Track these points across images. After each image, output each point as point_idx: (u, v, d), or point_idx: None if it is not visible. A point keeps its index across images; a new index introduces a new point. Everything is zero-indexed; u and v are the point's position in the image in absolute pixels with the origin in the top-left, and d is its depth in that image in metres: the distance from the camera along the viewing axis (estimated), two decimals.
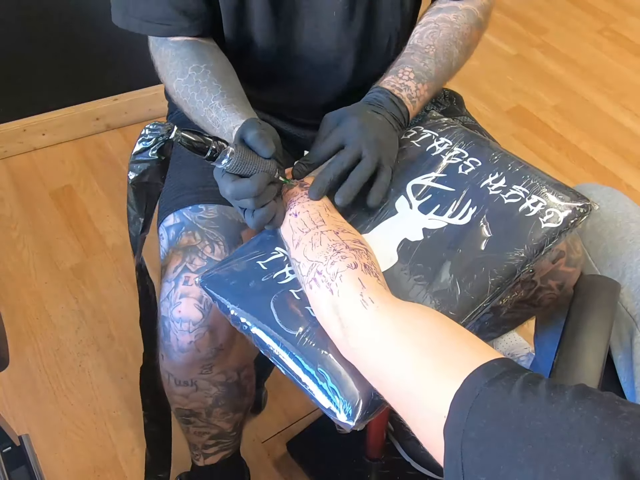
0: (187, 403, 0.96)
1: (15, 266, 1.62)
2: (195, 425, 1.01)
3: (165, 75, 0.89)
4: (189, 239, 0.86)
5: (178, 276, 0.83)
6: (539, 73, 2.29)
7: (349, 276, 0.62)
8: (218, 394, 0.94)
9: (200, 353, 0.85)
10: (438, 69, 0.87)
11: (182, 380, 0.91)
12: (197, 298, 0.82)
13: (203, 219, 0.88)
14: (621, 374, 0.82)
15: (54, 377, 1.41)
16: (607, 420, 0.41)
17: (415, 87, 0.84)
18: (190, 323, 0.82)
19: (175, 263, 0.85)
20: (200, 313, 0.81)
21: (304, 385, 0.65)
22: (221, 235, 0.86)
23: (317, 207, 0.73)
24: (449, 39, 0.90)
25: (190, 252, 0.85)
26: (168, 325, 0.83)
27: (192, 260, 0.84)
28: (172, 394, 0.95)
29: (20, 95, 1.83)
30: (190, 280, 0.82)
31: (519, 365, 0.49)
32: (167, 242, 0.89)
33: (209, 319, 0.82)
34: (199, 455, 1.11)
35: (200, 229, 0.87)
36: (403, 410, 0.54)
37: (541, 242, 0.74)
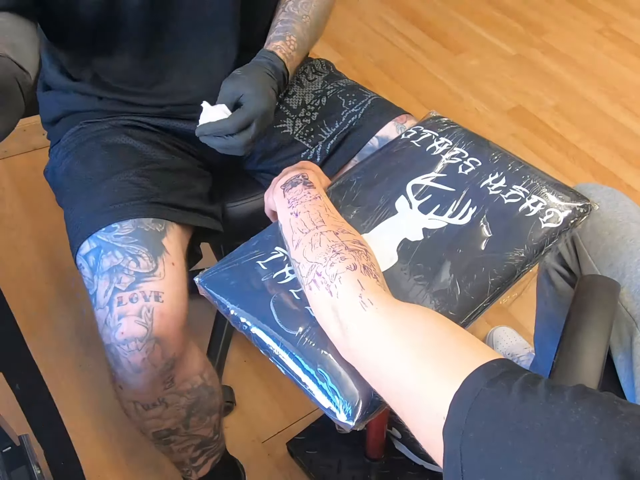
0: (162, 423, 0.93)
1: (15, 266, 1.62)
2: (177, 442, 0.99)
3: None
4: (110, 260, 0.84)
5: (110, 299, 0.81)
6: (539, 73, 2.29)
7: (348, 278, 0.62)
8: (189, 402, 0.92)
9: (156, 368, 0.83)
10: (310, 40, 0.98)
11: (149, 403, 0.89)
12: (136, 314, 0.80)
13: (119, 237, 0.85)
14: (621, 374, 0.82)
15: (54, 377, 1.41)
16: (606, 421, 0.41)
17: (296, 58, 0.94)
18: (136, 341, 0.80)
19: (103, 288, 0.83)
20: (144, 328, 0.80)
21: (304, 385, 0.65)
22: (142, 247, 0.85)
23: (318, 208, 0.73)
24: (320, 10, 0.97)
25: (116, 272, 0.82)
26: (115, 351, 0.81)
27: (119, 280, 0.82)
28: (144, 420, 0.93)
29: None
30: (123, 299, 0.80)
31: (518, 366, 0.49)
32: (89, 271, 0.86)
33: (153, 331, 0.80)
34: (190, 470, 1.08)
35: (119, 247, 0.84)
36: (402, 411, 0.54)
37: (541, 242, 0.74)
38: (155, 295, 0.81)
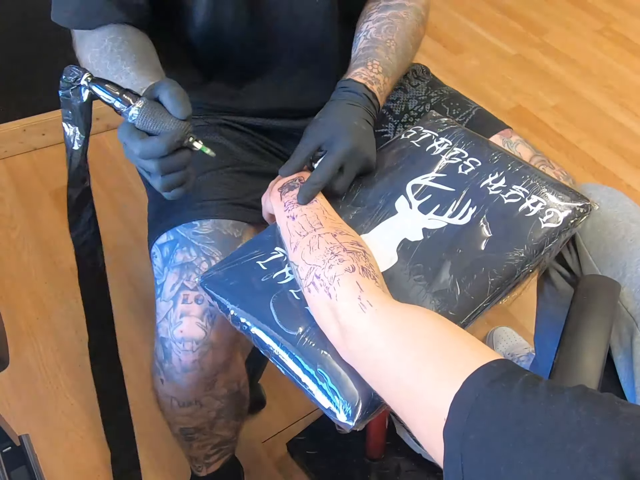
0: (192, 422, 0.94)
1: (15, 266, 1.62)
2: (199, 440, 1.00)
3: (82, 48, 0.85)
4: (184, 256, 0.84)
5: (176, 294, 0.81)
6: (539, 73, 2.29)
7: (347, 280, 0.62)
8: (221, 406, 0.93)
9: (204, 371, 0.83)
10: (399, 64, 0.89)
11: (186, 401, 0.89)
12: (198, 316, 0.80)
13: (197, 235, 0.86)
14: (621, 374, 0.82)
15: (54, 377, 1.41)
16: (606, 422, 0.41)
17: (383, 80, 0.86)
18: (193, 342, 0.80)
19: (172, 281, 0.83)
20: (203, 331, 0.80)
21: (304, 385, 0.65)
22: (217, 250, 0.85)
23: (315, 210, 0.73)
24: (405, 35, 0.91)
25: (187, 269, 0.82)
26: (169, 346, 0.81)
27: (189, 277, 0.82)
28: (175, 415, 0.93)
29: (20, 95, 1.83)
30: (189, 298, 0.81)
31: (519, 367, 0.48)
32: (161, 261, 0.86)
33: (210, 336, 0.80)
34: (202, 466, 1.10)
35: (196, 245, 0.85)
36: (403, 412, 0.54)
37: (541, 242, 0.74)
38: None
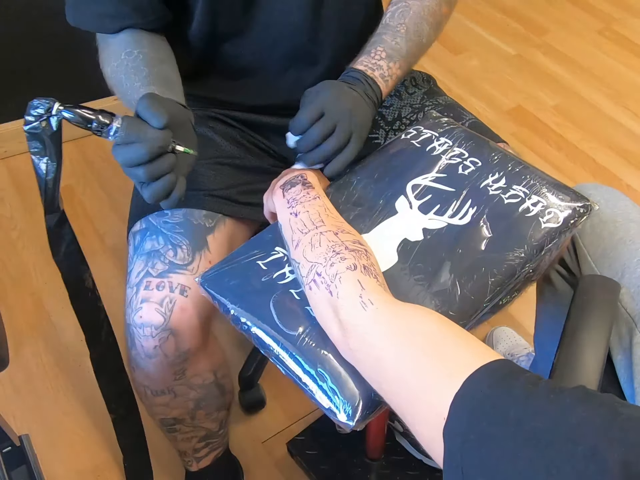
0: (169, 412, 0.95)
1: (15, 266, 1.62)
2: (182, 431, 1.00)
3: (103, 60, 0.89)
4: (152, 244, 0.86)
5: (140, 281, 0.83)
6: (539, 73, 2.29)
7: (348, 278, 0.62)
8: (198, 396, 0.94)
9: (168, 358, 0.84)
10: (409, 47, 0.89)
11: (158, 390, 0.90)
12: (158, 302, 0.81)
13: (167, 224, 0.88)
14: (620, 374, 0.82)
15: (54, 377, 1.41)
16: (607, 422, 0.41)
17: (387, 66, 0.86)
18: (152, 327, 0.81)
19: (138, 268, 0.85)
20: (162, 317, 0.81)
21: (304, 385, 0.65)
22: (185, 239, 0.86)
23: (317, 208, 0.73)
24: (419, 16, 0.91)
25: (153, 256, 0.85)
26: (132, 332, 0.84)
27: (154, 264, 0.84)
28: (152, 405, 0.95)
29: (20, 95, 1.83)
30: (151, 284, 0.82)
31: (519, 367, 0.48)
32: (132, 248, 0.90)
33: (170, 322, 0.81)
34: (191, 461, 1.10)
35: (164, 233, 0.87)
36: (403, 412, 0.54)
37: (541, 242, 0.74)
38: (181, 288, 0.82)
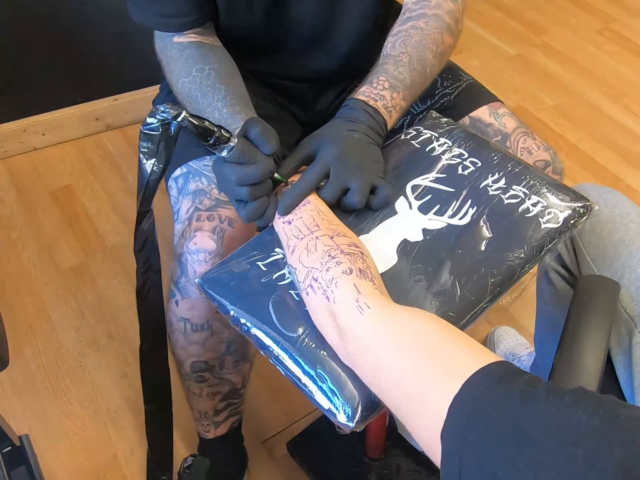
0: (203, 353, 0.98)
1: (15, 266, 1.62)
2: (209, 382, 1.03)
3: (171, 75, 0.93)
4: (196, 184, 0.92)
5: (190, 215, 0.89)
6: (539, 73, 2.29)
7: (344, 282, 0.62)
8: (229, 337, 0.97)
9: None
10: (412, 77, 0.86)
11: (198, 324, 0.93)
12: (210, 230, 0.87)
13: (208, 166, 0.93)
14: (620, 374, 0.82)
15: (54, 377, 1.41)
16: (606, 424, 0.41)
17: (390, 96, 0.83)
18: (206, 253, 0.86)
19: (186, 206, 0.91)
20: (214, 243, 0.86)
21: (304, 386, 0.65)
22: None
23: (310, 212, 0.73)
24: (422, 45, 0.88)
25: (199, 194, 0.90)
26: (185, 260, 0.87)
27: (201, 201, 0.90)
28: (188, 345, 0.97)
29: (20, 95, 1.83)
30: (202, 217, 0.88)
31: (518, 368, 0.48)
32: (176, 191, 0.95)
33: (222, 248, 0.86)
34: (210, 425, 1.13)
35: (206, 174, 0.92)
36: (402, 414, 0.54)
37: (541, 243, 0.74)
38: (229, 220, 0.88)
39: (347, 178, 0.75)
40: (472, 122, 1.02)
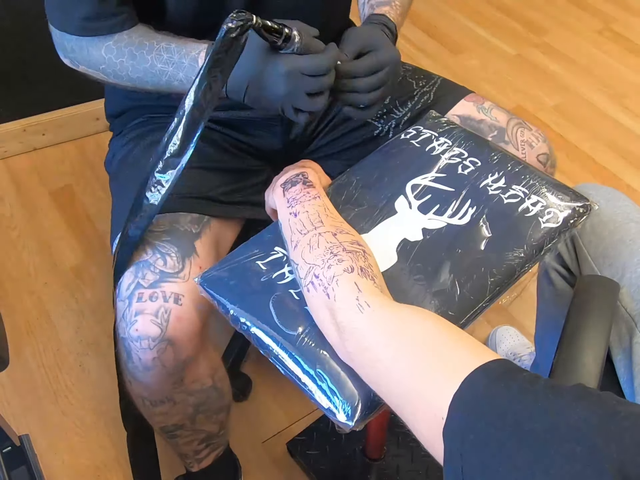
0: (169, 419, 0.94)
1: (15, 266, 1.62)
2: (182, 436, 1.00)
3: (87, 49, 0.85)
4: (139, 254, 0.84)
5: (131, 294, 0.81)
6: (539, 73, 2.29)
7: (345, 280, 0.62)
8: (197, 401, 0.93)
9: (166, 368, 0.83)
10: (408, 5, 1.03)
11: (157, 400, 0.89)
12: (153, 313, 0.80)
13: (153, 232, 0.85)
14: (620, 374, 0.82)
15: (54, 377, 1.41)
16: (605, 421, 0.41)
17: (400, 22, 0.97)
18: (149, 339, 0.80)
19: (128, 281, 0.83)
20: (158, 328, 0.79)
21: (304, 385, 0.65)
22: (172, 246, 0.84)
23: (317, 207, 0.73)
24: None
25: (142, 267, 0.83)
26: (128, 345, 0.82)
27: (144, 275, 0.82)
28: (152, 415, 0.94)
29: (20, 95, 1.83)
30: (143, 296, 0.80)
31: (517, 366, 0.48)
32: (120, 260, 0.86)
33: (167, 333, 0.80)
34: (193, 462, 1.10)
35: (151, 242, 0.85)
36: (402, 412, 0.54)
37: (541, 242, 0.74)
38: (175, 297, 0.81)
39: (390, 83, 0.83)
40: (462, 120, 1.03)
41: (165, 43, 0.81)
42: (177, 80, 0.82)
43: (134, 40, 0.83)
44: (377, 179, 0.83)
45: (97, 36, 0.85)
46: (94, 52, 0.85)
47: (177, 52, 0.80)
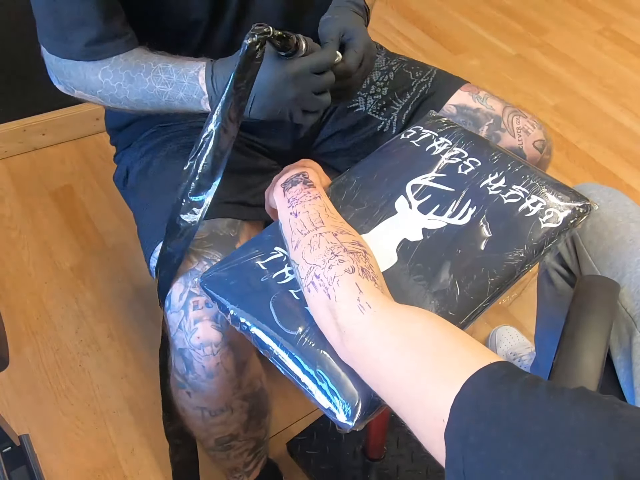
0: (226, 429, 0.93)
1: (15, 266, 1.62)
2: (235, 447, 0.99)
3: (84, 74, 0.83)
4: (185, 264, 0.83)
5: (185, 303, 0.80)
6: (539, 73, 2.29)
7: (346, 281, 0.62)
8: (250, 406, 0.92)
9: (228, 373, 0.83)
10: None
11: (217, 409, 0.88)
12: (212, 319, 0.79)
13: (195, 241, 0.84)
14: (620, 374, 0.82)
15: (54, 377, 1.41)
16: (606, 425, 0.41)
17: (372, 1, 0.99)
18: (212, 345, 0.79)
19: (178, 291, 0.81)
20: (219, 332, 0.79)
21: (304, 385, 0.65)
22: (217, 252, 0.84)
23: (317, 208, 0.73)
24: None
25: (191, 276, 0.82)
26: (189, 355, 0.80)
27: (195, 284, 0.81)
28: (210, 427, 0.92)
29: (20, 95, 1.83)
30: (199, 304, 0.80)
31: (518, 368, 0.48)
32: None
33: (228, 336, 0.80)
34: (242, 475, 1.09)
35: (195, 250, 0.84)
36: (402, 413, 0.54)
37: (541, 242, 0.74)
38: None
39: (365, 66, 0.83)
40: (459, 110, 1.04)
41: (162, 64, 0.80)
42: (177, 100, 0.81)
43: (130, 62, 0.81)
44: (377, 179, 0.83)
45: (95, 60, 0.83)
46: (90, 77, 0.83)
47: (175, 72, 0.79)
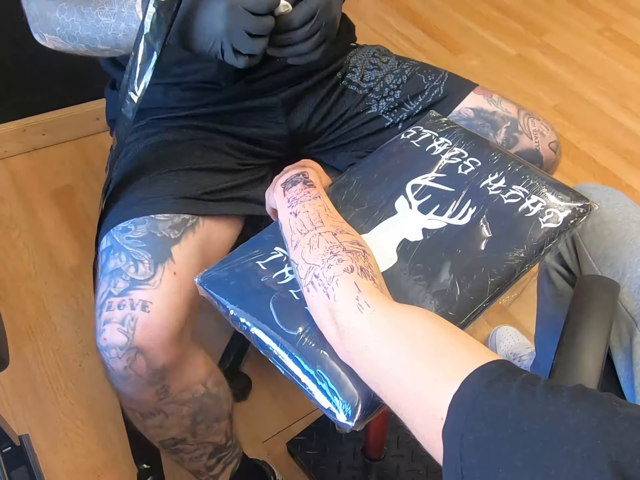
0: (165, 432, 0.91)
1: (15, 266, 1.62)
2: (186, 451, 0.97)
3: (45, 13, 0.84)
4: (115, 262, 0.83)
5: (103, 303, 0.81)
6: (539, 73, 2.29)
7: (345, 280, 0.62)
8: (191, 411, 0.90)
9: (142, 378, 0.80)
10: None
11: (147, 412, 0.87)
12: (119, 321, 0.78)
13: (130, 239, 0.85)
14: (621, 373, 0.82)
15: (54, 377, 1.41)
16: (604, 423, 0.41)
17: None
18: (117, 349, 0.78)
19: (102, 289, 0.82)
20: (124, 336, 0.78)
21: (304, 385, 0.65)
22: (147, 253, 0.83)
23: (317, 207, 0.73)
24: None
25: (115, 275, 0.82)
26: (102, 355, 0.81)
27: (115, 284, 0.81)
28: (147, 429, 0.92)
29: (20, 95, 1.83)
30: (112, 305, 0.80)
31: (517, 367, 0.48)
32: (100, 268, 0.87)
33: (134, 341, 0.78)
34: (208, 479, 1.06)
35: (126, 249, 0.84)
36: (401, 413, 0.54)
37: (541, 242, 0.74)
38: (142, 304, 0.79)
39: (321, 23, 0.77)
40: (476, 113, 1.05)
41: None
42: (121, 32, 0.79)
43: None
44: (377, 179, 0.83)
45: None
46: (50, 15, 0.84)
47: (117, 2, 0.78)
